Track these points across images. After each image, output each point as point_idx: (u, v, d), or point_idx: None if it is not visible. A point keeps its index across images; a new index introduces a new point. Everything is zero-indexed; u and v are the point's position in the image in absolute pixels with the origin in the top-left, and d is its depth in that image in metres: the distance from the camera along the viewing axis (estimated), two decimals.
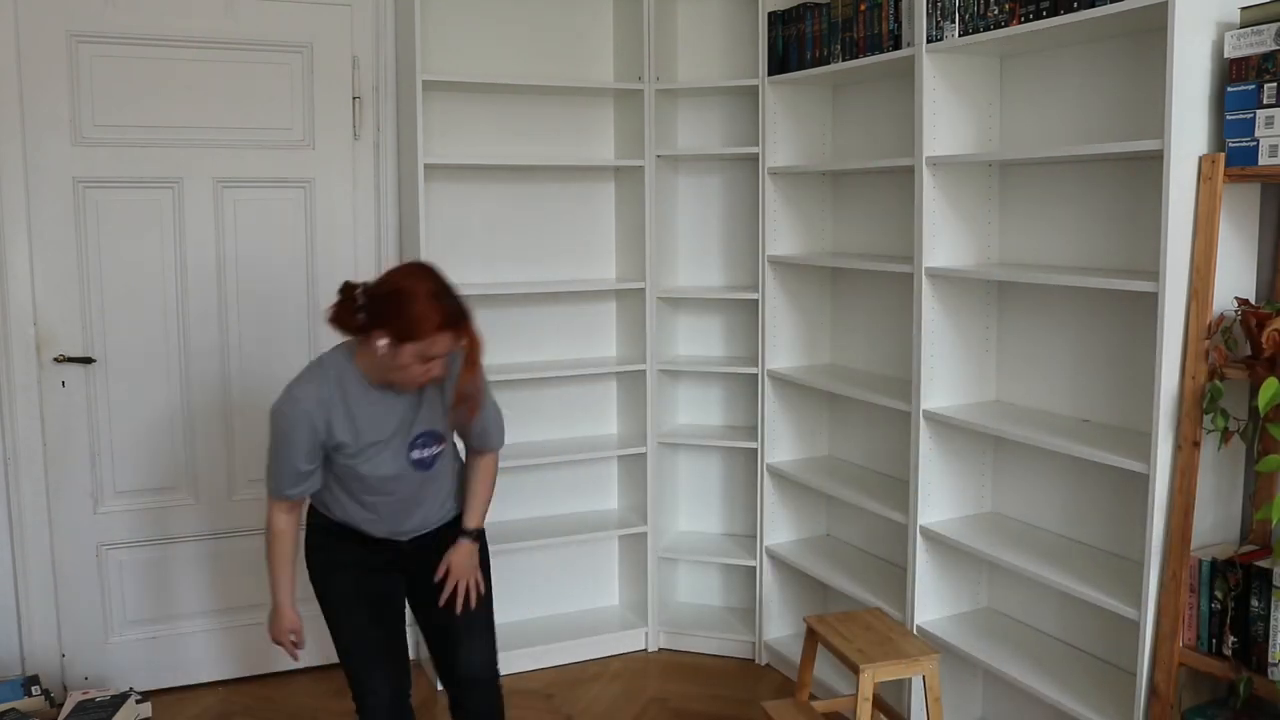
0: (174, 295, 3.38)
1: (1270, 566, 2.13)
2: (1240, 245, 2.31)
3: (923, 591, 2.98)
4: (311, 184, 3.50)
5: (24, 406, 3.24)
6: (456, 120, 3.63)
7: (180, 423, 3.42)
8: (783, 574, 3.68)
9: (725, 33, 3.76)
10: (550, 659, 3.70)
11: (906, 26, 2.90)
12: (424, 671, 3.66)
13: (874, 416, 3.47)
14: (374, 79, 3.52)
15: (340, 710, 3.38)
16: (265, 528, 2.41)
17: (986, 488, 3.05)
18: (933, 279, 2.89)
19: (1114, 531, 2.69)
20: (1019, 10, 2.53)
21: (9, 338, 3.21)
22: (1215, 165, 2.19)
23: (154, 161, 3.31)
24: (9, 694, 3.12)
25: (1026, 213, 2.88)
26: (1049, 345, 2.85)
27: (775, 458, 3.63)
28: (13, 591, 3.29)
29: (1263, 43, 2.11)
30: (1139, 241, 2.57)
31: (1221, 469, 2.34)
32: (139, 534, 3.41)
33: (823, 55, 3.24)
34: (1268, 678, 2.13)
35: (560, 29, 3.76)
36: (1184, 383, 2.25)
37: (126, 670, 3.42)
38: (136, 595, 3.43)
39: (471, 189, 3.70)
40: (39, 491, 3.28)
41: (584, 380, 3.89)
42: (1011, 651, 2.79)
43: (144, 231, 3.32)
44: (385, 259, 3.58)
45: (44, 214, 3.21)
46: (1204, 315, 2.23)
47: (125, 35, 3.23)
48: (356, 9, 3.48)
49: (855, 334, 3.55)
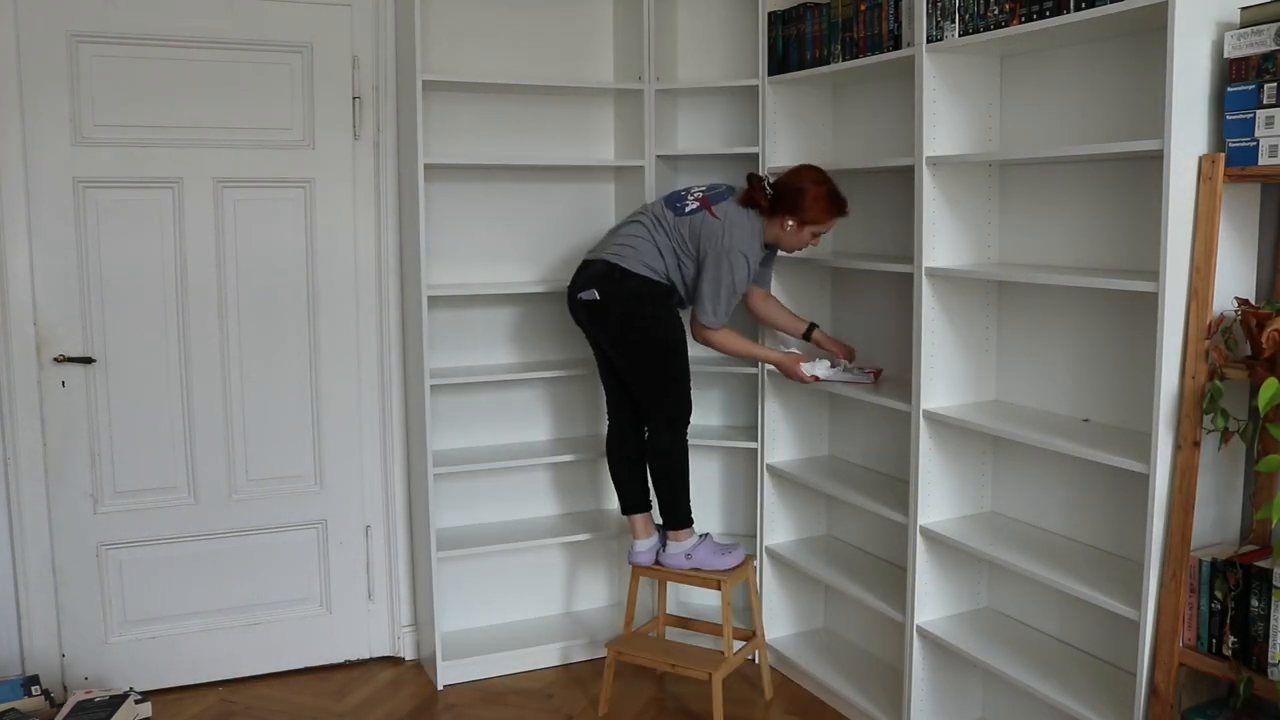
0: (174, 295, 3.38)
1: (1270, 566, 2.13)
2: (1240, 245, 2.31)
3: (923, 591, 2.98)
4: (311, 184, 3.50)
5: (24, 406, 3.24)
6: (456, 120, 3.63)
7: (180, 423, 3.43)
8: (783, 574, 3.68)
9: (725, 33, 3.76)
10: (550, 659, 3.70)
11: (906, 26, 2.90)
12: (424, 671, 3.67)
13: (874, 416, 3.47)
14: (374, 79, 3.52)
15: (340, 710, 3.38)
16: (725, 349, 3.29)
17: (986, 488, 3.05)
18: (933, 279, 2.89)
19: (1114, 531, 2.69)
20: (1019, 10, 2.53)
21: (9, 338, 3.21)
22: (1215, 165, 2.19)
23: (154, 161, 3.31)
24: (9, 694, 3.12)
25: (1026, 213, 2.88)
26: (1049, 345, 2.85)
27: (775, 458, 3.63)
28: (13, 591, 3.29)
29: (1263, 43, 2.11)
30: (1139, 241, 2.57)
31: (1221, 469, 2.34)
32: (139, 534, 3.41)
33: (823, 55, 3.24)
34: (1268, 678, 2.13)
35: (560, 29, 3.76)
36: (1184, 383, 2.25)
37: (126, 670, 3.42)
38: (136, 595, 3.43)
39: (471, 189, 3.70)
40: (39, 491, 3.28)
41: (584, 380, 3.89)
42: (1011, 651, 2.79)
43: (144, 231, 3.32)
44: (385, 259, 3.59)
45: (44, 214, 3.21)
46: (1204, 315, 2.23)
47: (125, 35, 3.23)
48: (356, 9, 3.48)
49: (855, 334, 3.55)
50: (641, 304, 3.17)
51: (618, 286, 3.15)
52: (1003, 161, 2.82)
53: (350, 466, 3.65)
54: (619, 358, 3.27)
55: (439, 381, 3.47)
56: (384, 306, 3.61)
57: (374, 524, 3.70)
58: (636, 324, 3.18)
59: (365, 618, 3.72)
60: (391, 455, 3.68)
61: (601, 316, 3.20)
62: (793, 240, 3.17)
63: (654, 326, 3.19)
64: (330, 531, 3.64)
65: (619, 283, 3.15)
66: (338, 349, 3.58)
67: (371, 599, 3.72)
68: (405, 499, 3.72)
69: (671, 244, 3.18)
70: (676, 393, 3.25)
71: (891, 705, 3.16)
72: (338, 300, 3.56)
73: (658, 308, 3.19)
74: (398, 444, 3.69)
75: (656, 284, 3.18)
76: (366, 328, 3.61)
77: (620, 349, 3.25)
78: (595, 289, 3.17)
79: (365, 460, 3.66)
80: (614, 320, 3.19)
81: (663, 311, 3.20)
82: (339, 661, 3.70)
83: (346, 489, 3.65)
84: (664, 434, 3.27)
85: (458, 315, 3.71)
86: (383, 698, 3.47)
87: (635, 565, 3.38)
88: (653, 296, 3.18)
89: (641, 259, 3.16)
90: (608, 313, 3.18)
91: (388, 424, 3.67)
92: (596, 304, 3.18)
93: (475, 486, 3.78)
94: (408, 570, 3.75)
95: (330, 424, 3.60)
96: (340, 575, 3.67)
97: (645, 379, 3.25)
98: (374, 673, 3.66)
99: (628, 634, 3.44)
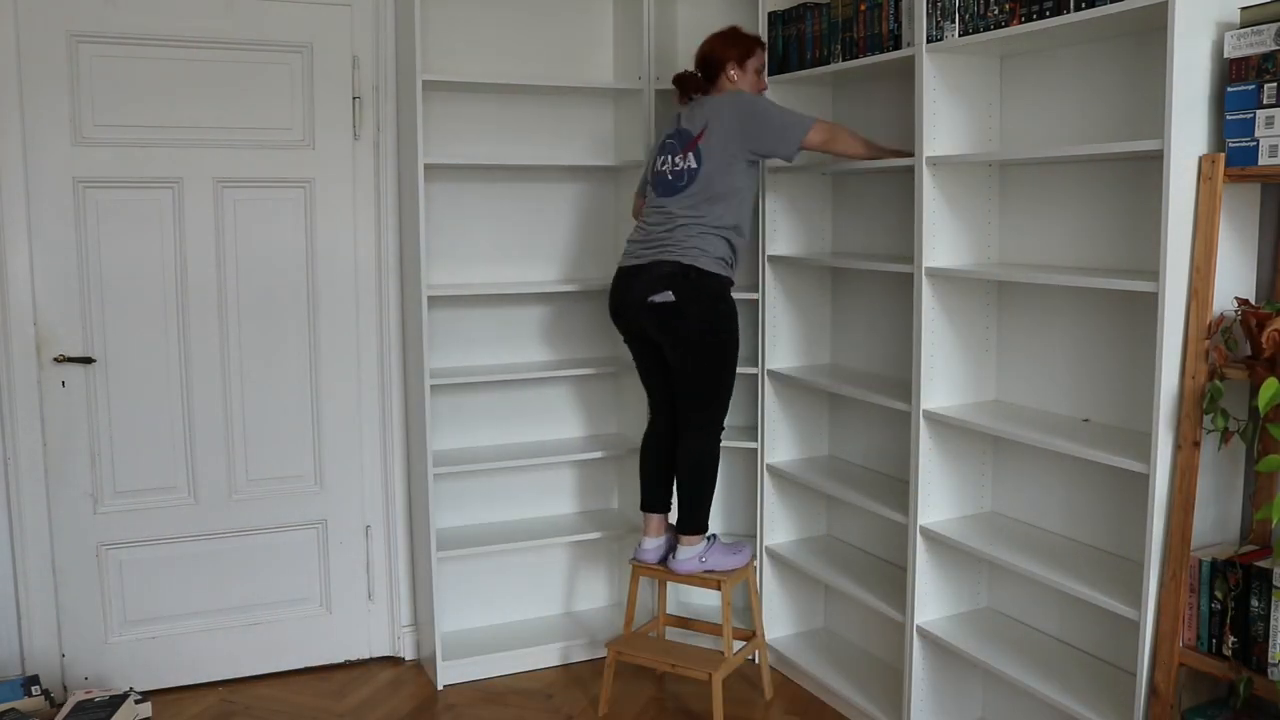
0: (174, 295, 3.38)
1: (1270, 566, 2.13)
2: (1240, 245, 2.31)
3: (923, 591, 2.98)
4: (311, 184, 3.50)
5: (24, 406, 3.24)
6: (456, 120, 3.63)
7: (180, 423, 3.43)
8: (783, 574, 3.68)
9: None
10: (550, 659, 3.70)
11: (906, 26, 2.90)
12: (424, 671, 3.67)
13: (874, 416, 3.47)
14: (374, 79, 3.52)
15: (340, 710, 3.38)
16: (832, 141, 3.12)
17: (986, 488, 3.05)
18: (933, 279, 2.89)
19: (1114, 531, 2.69)
20: (1019, 10, 2.53)
21: (9, 338, 3.21)
22: (1215, 165, 2.19)
23: (154, 161, 3.31)
24: (9, 694, 3.12)
25: (1026, 213, 2.88)
26: (1049, 345, 2.85)
27: (775, 458, 3.63)
28: (13, 591, 3.29)
29: (1263, 43, 2.11)
30: (1139, 241, 2.57)
31: (1221, 469, 2.34)
32: (139, 534, 3.41)
33: (823, 55, 3.24)
34: (1268, 678, 2.13)
35: (560, 29, 3.76)
36: (1184, 383, 2.25)
37: (126, 670, 3.42)
38: (136, 595, 3.43)
39: (471, 189, 3.70)
40: (39, 491, 3.28)
41: (584, 380, 3.89)
42: (1011, 651, 2.79)
43: (144, 231, 3.32)
44: (385, 259, 3.59)
45: (44, 214, 3.21)
46: (1204, 315, 2.23)
47: (125, 35, 3.23)
48: (356, 9, 3.48)
49: (855, 334, 3.55)
50: (718, 303, 3.15)
51: (694, 286, 3.09)
52: (1003, 161, 2.82)
53: (350, 466, 3.65)
54: (681, 358, 3.17)
55: (439, 381, 3.47)
56: (384, 306, 3.61)
57: (374, 524, 3.70)
58: (713, 323, 3.14)
59: (365, 618, 3.72)
60: (391, 455, 3.68)
61: (676, 318, 3.11)
62: (749, 84, 3.28)
63: (727, 325, 3.17)
64: (330, 531, 3.64)
65: (695, 282, 3.09)
66: (338, 349, 3.58)
67: (371, 599, 3.72)
68: (405, 499, 3.72)
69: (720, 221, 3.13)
70: (724, 396, 3.24)
71: (891, 705, 3.16)
72: (338, 300, 3.56)
73: (730, 304, 3.18)
74: (398, 444, 3.69)
75: (726, 280, 3.16)
76: (366, 328, 3.61)
77: (686, 349, 3.16)
78: (669, 290, 3.09)
79: (365, 460, 3.66)
80: (690, 321, 3.11)
81: (733, 310, 3.19)
82: (339, 661, 3.70)
83: (346, 489, 3.65)
84: (702, 436, 3.24)
85: (458, 315, 3.71)
86: (383, 698, 3.47)
87: (639, 562, 3.38)
88: (726, 294, 3.17)
89: (712, 255, 3.12)
90: (684, 314, 3.11)
91: (388, 424, 3.67)
92: (671, 305, 3.10)
93: (475, 486, 3.78)
94: (408, 570, 3.75)
95: (330, 424, 3.60)
96: (340, 575, 3.67)
97: (702, 380, 3.19)
98: (374, 673, 3.66)
99: (628, 634, 3.44)
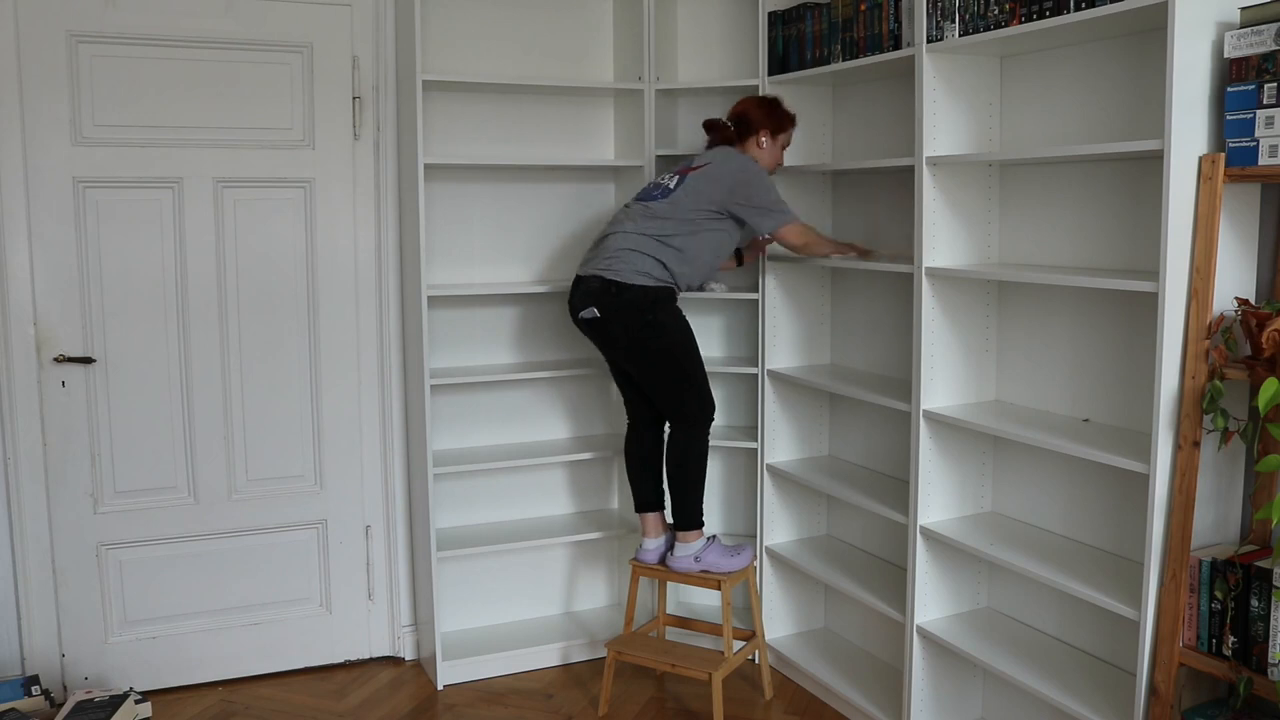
0: (174, 295, 3.38)
1: (1270, 566, 2.13)
2: (1240, 245, 2.31)
3: (923, 591, 2.98)
4: (311, 184, 3.50)
5: (24, 406, 3.24)
6: (456, 120, 3.63)
7: (180, 423, 3.42)
8: (783, 574, 3.68)
9: (725, 33, 3.76)
10: (550, 659, 3.70)
11: (906, 26, 2.90)
12: (424, 671, 3.67)
13: (874, 416, 3.47)
14: (374, 79, 3.52)
15: (340, 710, 3.38)
16: (805, 245, 3.20)
17: (986, 488, 3.05)
18: (933, 279, 2.89)
19: (1114, 531, 2.69)
20: (1019, 10, 2.53)
21: (9, 338, 3.21)
22: (1215, 165, 2.19)
23: (154, 161, 3.31)
24: (9, 694, 3.12)
25: (1026, 213, 2.88)
26: (1049, 345, 2.85)
27: (775, 458, 3.63)
28: (13, 591, 3.29)
29: (1263, 43, 2.11)
30: (1139, 241, 2.57)
31: (1221, 469, 2.34)
32: (139, 534, 3.41)
33: (823, 55, 3.24)
34: (1268, 678, 2.13)
35: (560, 29, 3.76)
36: (1184, 383, 2.25)
37: (126, 670, 3.42)
38: (136, 595, 3.43)
39: (471, 189, 3.70)
40: (39, 491, 3.28)
41: (584, 380, 3.89)
42: (1011, 651, 2.79)
43: (144, 231, 3.32)
44: (385, 259, 3.59)
45: (44, 214, 3.21)
46: (1204, 315, 2.23)
47: (125, 35, 3.23)
48: (356, 9, 3.48)
49: (855, 334, 3.55)
50: (641, 314, 3.16)
51: (615, 301, 3.14)
52: (1003, 161, 2.82)
53: (350, 466, 3.65)
54: (631, 367, 3.28)
55: (439, 381, 3.47)
56: (384, 306, 3.61)
57: (374, 524, 3.70)
58: (639, 335, 3.18)
59: (365, 618, 3.72)
60: (391, 455, 3.68)
61: (605, 332, 3.21)
62: (771, 156, 3.30)
63: (658, 336, 3.18)
64: (330, 531, 3.64)
65: (615, 297, 3.14)
66: (337, 349, 3.58)
67: (371, 599, 3.72)
68: (405, 499, 3.72)
69: (663, 235, 3.16)
70: (693, 393, 3.26)
71: (891, 705, 3.16)
72: (337, 300, 3.56)
73: (658, 315, 3.18)
74: (398, 444, 3.69)
75: (653, 289, 3.16)
76: (366, 327, 3.61)
77: (631, 360, 3.26)
78: (594, 307, 3.17)
79: (365, 460, 3.66)
80: (618, 335, 3.19)
81: (664, 318, 3.19)
82: (339, 661, 3.70)
83: (346, 489, 3.65)
84: (684, 432, 3.28)
85: (458, 315, 3.71)
86: (383, 698, 3.47)
87: (639, 563, 3.38)
88: (652, 304, 3.16)
89: (634, 268, 3.14)
90: (609, 328, 3.18)
91: (388, 424, 3.67)
92: (598, 321, 3.18)
93: (475, 486, 3.78)
94: (408, 570, 3.75)
95: (330, 424, 3.60)
96: (340, 575, 3.67)
97: (660, 385, 3.26)
98: (374, 673, 3.66)
99: (628, 634, 3.44)
